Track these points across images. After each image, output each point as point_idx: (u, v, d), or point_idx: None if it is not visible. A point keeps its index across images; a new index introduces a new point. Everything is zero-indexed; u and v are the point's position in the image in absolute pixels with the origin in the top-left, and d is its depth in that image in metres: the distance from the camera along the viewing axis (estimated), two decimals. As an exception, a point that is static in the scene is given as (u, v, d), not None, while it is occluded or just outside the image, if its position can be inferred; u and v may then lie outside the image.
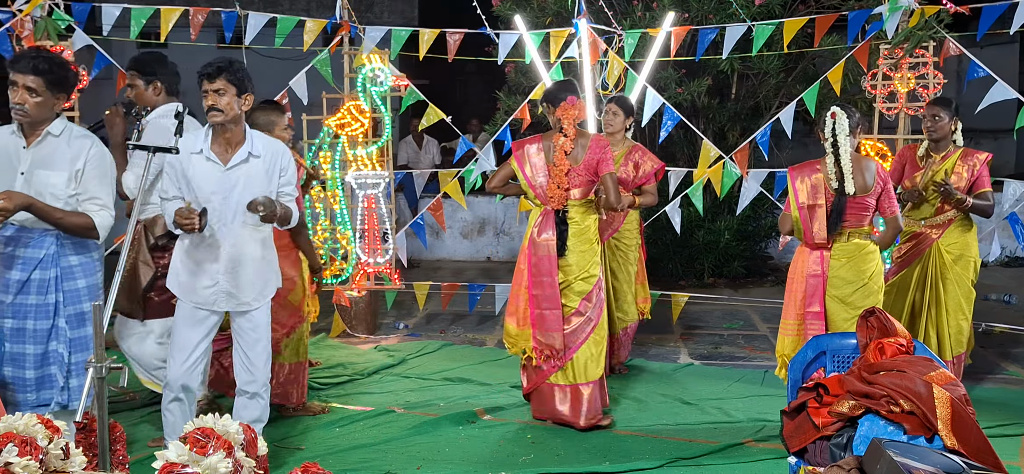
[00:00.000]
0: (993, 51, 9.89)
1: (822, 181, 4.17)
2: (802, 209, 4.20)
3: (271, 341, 3.94)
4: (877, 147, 5.97)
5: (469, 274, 9.50)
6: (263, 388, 3.89)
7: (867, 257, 4.21)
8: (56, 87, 3.58)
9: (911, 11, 5.75)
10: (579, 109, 4.48)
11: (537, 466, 4.10)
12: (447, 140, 11.23)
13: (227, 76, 3.57)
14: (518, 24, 6.77)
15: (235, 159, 3.67)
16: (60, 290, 3.63)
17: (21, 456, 2.16)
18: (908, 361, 3.06)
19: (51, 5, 6.12)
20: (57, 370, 3.64)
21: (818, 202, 4.16)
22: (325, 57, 6.51)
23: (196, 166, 3.66)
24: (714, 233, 8.51)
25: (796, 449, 3.10)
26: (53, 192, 3.53)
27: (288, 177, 3.81)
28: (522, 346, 4.62)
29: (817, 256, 4.22)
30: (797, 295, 4.29)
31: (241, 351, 3.85)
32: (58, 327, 3.64)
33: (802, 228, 4.23)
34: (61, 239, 3.62)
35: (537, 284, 4.54)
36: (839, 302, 4.20)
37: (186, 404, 3.76)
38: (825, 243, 4.19)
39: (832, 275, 4.20)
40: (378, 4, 14.80)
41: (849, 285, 4.19)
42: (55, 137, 3.60)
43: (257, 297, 3.80)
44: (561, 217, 4.50)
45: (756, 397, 5.14)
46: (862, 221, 4.19)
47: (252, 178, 3.69)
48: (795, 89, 7.98)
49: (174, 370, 3.72)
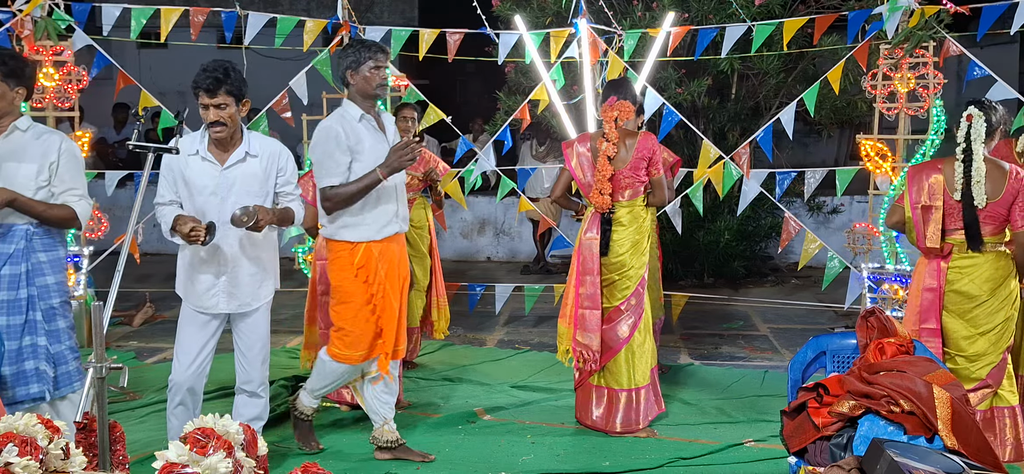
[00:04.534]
0: (993, 51, 9.88)
1: (941, 183, 3.81)
2: (915, 208, 3.85)
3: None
4: (877, 147, 5.97)
5: (469, 274, 9.50)
6: (261, 387, 3.91)
7: (993, 270, 3.79)
8: (13, 79, 3.58)
9: (911, 11, 5.75)
10: (622, 110, 4.42)
11: (537, 466, 4.10)
12: (447, 140, 11.23)
13: (227, 88, 3.57)
14: (518, 24, 6.77)
15: (232, 159, 3.67)
16: (33, 284, 3.63)
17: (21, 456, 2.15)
18: (908, 361, 3.06)
19: (51, 5, 6.12)
20: (44, 364, 3.62)
21: (934, 204, 3.81)
22: (325, 57, 6.51)
23: (193, 167, 3.65)
24: (714, 233, 8.51)
25: (796, 449, 3.10)
26: (21, 184, 3.55)
27: (287, 176, 3.81)
28: (566, 346, 4.56)
29: (933, 268, 3.86)
30: (912, 310, 3.94)
31: (239, 350, 3.86)
32: (34, 321, 3.63)
33: (914, 230, 3.89)
34: (30, 234, 3.63)
35: (582, 282, 4.50)
36: (959, 319, 3.84)
37: (191, 408, 3.75)
38: (940, 251, 3.84)
39: (949, 290, 3.83)
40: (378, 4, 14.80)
41: (969, 301, 3.80)
42: (22, 132, 3.62)
43: (255, 298, 3.80)
44: (606, 217, 4.44)
45: (756, 397, 5.14)
46: (992, 232, 3.78)
47: (250, 178, 3.68)
48: (795, 89, 7.98)
49: (179, 373, 3.71)
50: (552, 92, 6.59)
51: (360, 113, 3.84)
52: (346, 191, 3.77)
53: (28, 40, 6.06)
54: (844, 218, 9.50)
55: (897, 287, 5.90)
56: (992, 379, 3.86)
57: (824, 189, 6.99)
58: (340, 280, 3.91)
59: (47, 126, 3.83)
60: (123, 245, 3.26)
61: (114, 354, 6.06)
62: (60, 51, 6.21)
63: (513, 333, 6.93)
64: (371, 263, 3.86)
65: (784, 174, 6.44)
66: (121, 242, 3.35)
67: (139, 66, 14.06)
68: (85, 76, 6.34)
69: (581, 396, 4.63)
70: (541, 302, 7.12)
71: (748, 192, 6.41)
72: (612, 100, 4.40)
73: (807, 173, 6.45)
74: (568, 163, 4.57)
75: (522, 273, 9.60)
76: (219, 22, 6.48)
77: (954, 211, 3.81)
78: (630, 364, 4.49)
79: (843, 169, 6.30)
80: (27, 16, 6.02)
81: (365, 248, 3.86)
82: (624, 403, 4.50)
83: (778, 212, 8.27)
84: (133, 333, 6.91)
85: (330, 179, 3.77)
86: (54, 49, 6.18)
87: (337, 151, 3.75)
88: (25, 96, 3.69)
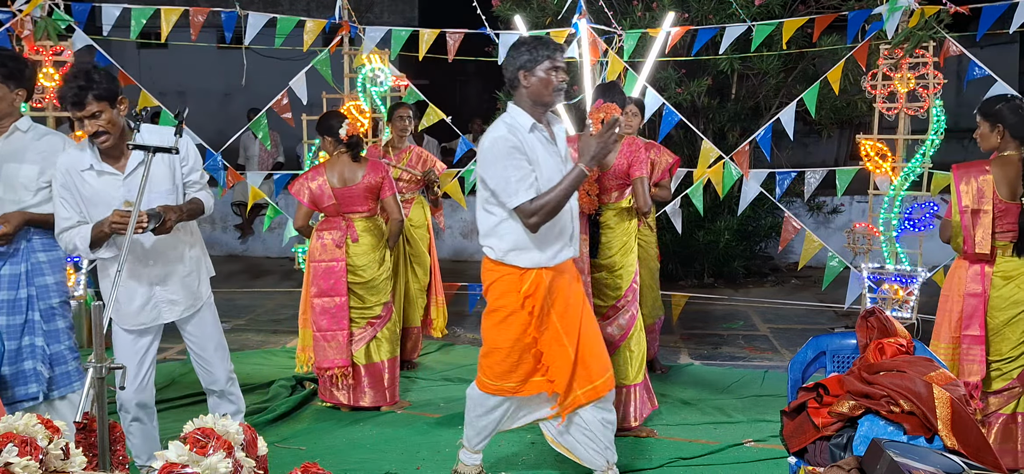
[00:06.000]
0: (993, 51, 9.89)
1: (991, 184, 3.71)
2: (965, 213, 3.75)
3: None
4: (877, 147, 5.97)
5: (469, 274, 9.50)
6: (228, 382, 3.78)
7: None
8: (13, 81, 3.58)
9: (911, 11, 5.75)
10: (608, 112, 4.35)
11: (537, 466, 4.10)
12: (447, 140, 11.24)
13: (95, 94, 3.24)
14: (518, 24, 6.78)
15: (131, 164, 3.40)
16: (32, 284, 3.64)
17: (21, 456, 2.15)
18: (908, 361, 3.06)
19: (51, 5, 6.12)
20: (40, 363, 3.63)
21: (984, 208, 3.70)
22: (325, 57, 6.51)
23: (90, 183, 3.36)
24: (714, 233, 8.51)
25: (796, 449, 3.10)
26: (23, 184, 3.56)
27: (191, 164, 3.55)
28: None
29: (977, 272, 3.77)
30: (953, 316, 3.83)
31: (194, 355, 3.72)
32: (33, 321, 3.64)
33: (962, 236, 3.79)
34: (30, 235, 3.64)
35: None
36: (1004, 325, 3.76)
37: (147, 423, 3.64)
38: (988, 256, 3.75)
39: (994, 295, 3.75)
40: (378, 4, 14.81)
41: (1016, 306, 3.73)
42: (23, 133, 3.62)
43: (197, 297, 3.64)
44: (594, 219, 4.38)
45: (756, 397, 5.14)
46: None
47: (155, 179, 3.38)
48: (795, 89, 7.99)
49: (126, 394, 3.53)
50: (552, 92, 6.58)
51: (531, 122, 3.37)
52: (551, 200, 3.29)
53: (28, 40, 6.06)
54: (844, 218, 9.51)
55: (897, 287, 5.91)
56: (1020, 380, 3.84)
57: (824, 189, 6.99)
58: (502, 304, 3.47)
59: (46, 127, 3.82)
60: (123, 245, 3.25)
61: (114, 354, 6.06)
62: (60, 51, 6.21)
63: (513, 333, 6.92)
64: (539, 292, 3.42)
65: (784, 174, 6.45)
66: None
67: (139, 66, 14.08)
68: (85, 76, 6.33)
69: None
70: (541, 302, 7.11)
71: (748, 192, 6.41)
72: (599, 103, 4.39)
73: (807, 173, 6.45)
74: None
75: (522, 273, 9.58)
76: (219, 22, 6.49)
77: (1004, 214, 3.74)
78: (625, 362, 4.49)
79: (843, 169, 6.30)
80: (27, 16, 6.02)
81: (536, 275, 3.41)
82: (617, 400, 4.50)
83: (778, 212, 8.27)
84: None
85: (522, 196, 3.28)
86: (54, 49, 6.18)
87: (520, 160, 3.28)
88: (25, 97, 3.69)
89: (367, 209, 4.87)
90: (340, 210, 4.83)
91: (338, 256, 4.79)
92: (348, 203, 4.82)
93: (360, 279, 4.85)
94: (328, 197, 4.80)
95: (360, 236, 4.84)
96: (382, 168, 4.93)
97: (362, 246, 4.84)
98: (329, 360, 4.84)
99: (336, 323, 4.81)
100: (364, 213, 4.87)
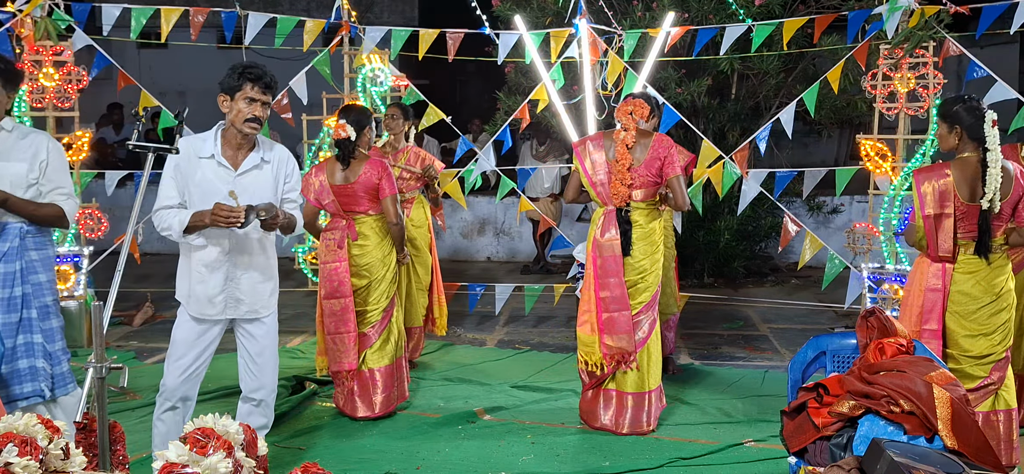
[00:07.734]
0: (993, 51, 9.89)
1: (951, 187, 3.74)
2: (928, 219, 3.78)
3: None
4: (877, 147, 5.97)
5: (469, 274, 9.50)
6: (270, 395, 3.84)
7: (997, 271, 3.77)
8: (10, 85, 3.61)
9: (911, 11, 5.75)
10: (637, 107, 4.38)
11: (537, 466, 4.10)
12: (447, 140, 11.24)
13: (273, 89, 3.56)
14: (518, 24, 6.78)
15: (247, 164, 3.60)
16: (27, 282, 3.64)
17: (21, 456, 2.15)
18: (908, 361, 3.06)
19: (51, 5, 6.13)
20: (40, 360, 3.63)
21: (945, 212, 3.74)
22: (325, 57, 6.51)
23: (205, 171, 3.55)
24: (714, 233, 8.52)
25: (796, 449, 3.10)
26: (13, 181, 3.57)
27: (293, 183, 3.77)
28: (596, 359, 4.49)
29: (938, 269, 3.82)
30: (913, 311, 3.88)
31: (248, 357, 3.76)
32: (29, 319, 3.64)
33: (926, 239, 3.84)
34: (23, 232, 3.64)
35: (604, 286, 4.42)
36: (961, 320, 3.81)
37: (183, 413, 3.68)
38: (949, 256, 3.79)
39: (955, 291, 3.79)
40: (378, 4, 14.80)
41: (974, 301, 3.78)
42: (8, 132, 3.64)
43: (265, 304, 3.75)
44: (624, 216, 4.39)
45: (756, 397, 5.14)
46: (995, 231, 3.75)
47: (261, 184, 3.62)
48: (795, 89, 7.99)
49: (172, 379, 3.61)
50: (552, 92, 6.59)
51: None
52: None
53: (28, 40, 6.06)
54: (844, 218, 9.51)
55: (897, 287, 5.91)
56: (996, 375, 3.86)
57: (824, 189, 6.99)
58: None
59: (31, 127, 3.83)
60: (123, 245, 3.25)
61: (114, 354, 6.06)
62: (60, 51, 6.21)
63: (513, 333, 6.93)
64: None
65: (784, 174, 6.45)
66: (121, 242, 3.35)
67: (139, 66, 14.09)
68: (85, 76, 6.34)
69: (589, 400, 4.63)
70: (541, 302, 7.13)
71: (748, 192, 6.42)
72: (628, 98, 4.41)
73: (807, 173, 6.45)
74: (580, 162, 4.50)
75: (522, 273, 9.61)
76: (219, 22, 6.49)
77: (966, 215, 3.77)
78: (644, 367, 4.49)
79: (843, 169, 6.30)
80: (27, 16, 6.02)
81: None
82: (634, 406, 4.50)
83: (778, 212, 8.27)
84: (133, 333, 6.92)
85: None
86: (54, 49, 6.19)
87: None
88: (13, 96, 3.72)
89: (368, 208, 4.85)
90: (341, 209, 4.83)
91: (340, 257, 4.78)
92: (348, 202, 4.81)
93: (361, 281, 4.81)
94: (327, 195, 4.80)
95: (360, 235, 4.82)
96: (381, 166, 4.88)
97: (362, 246, 4.82)
98: (338, 363, 4.81)
99: (342, 324, 4.80)
100: (365, 212, 4.85)
